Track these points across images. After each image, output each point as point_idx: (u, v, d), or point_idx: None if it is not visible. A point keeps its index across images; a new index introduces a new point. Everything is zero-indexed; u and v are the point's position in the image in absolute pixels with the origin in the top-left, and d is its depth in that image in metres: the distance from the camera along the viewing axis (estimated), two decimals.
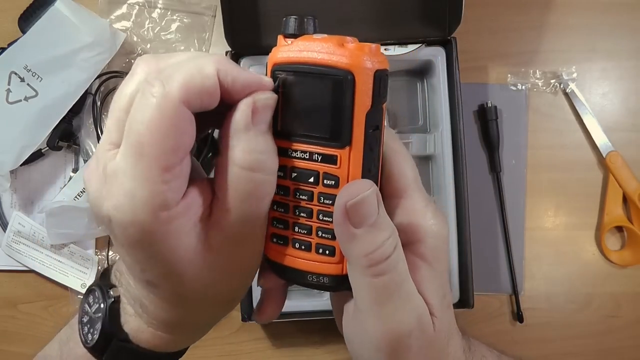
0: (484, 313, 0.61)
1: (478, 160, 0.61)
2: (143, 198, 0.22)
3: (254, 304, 0.55)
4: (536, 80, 0.62)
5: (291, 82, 0.25)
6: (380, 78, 0.24)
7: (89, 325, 0.29)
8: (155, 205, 0.22)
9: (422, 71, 0.59)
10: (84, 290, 0.60)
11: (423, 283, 0.26)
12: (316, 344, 0.61)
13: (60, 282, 0.60)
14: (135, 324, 0.28)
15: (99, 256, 0.61)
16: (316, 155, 0.25)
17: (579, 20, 0.63)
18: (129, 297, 0.28)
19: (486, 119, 0.60)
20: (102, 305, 0.29)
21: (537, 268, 0.61)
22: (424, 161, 0.59)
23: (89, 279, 0.60)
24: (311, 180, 0.25)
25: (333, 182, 0.25)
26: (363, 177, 0.25)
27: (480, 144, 0.62)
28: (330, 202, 0.25)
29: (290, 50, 0.25)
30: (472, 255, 0.54)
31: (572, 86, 0.61)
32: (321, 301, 0.56)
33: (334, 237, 0.25)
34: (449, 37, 0.55)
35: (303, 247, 0.26)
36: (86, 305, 0.30)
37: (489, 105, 0.60)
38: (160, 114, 0.21)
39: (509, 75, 0.62)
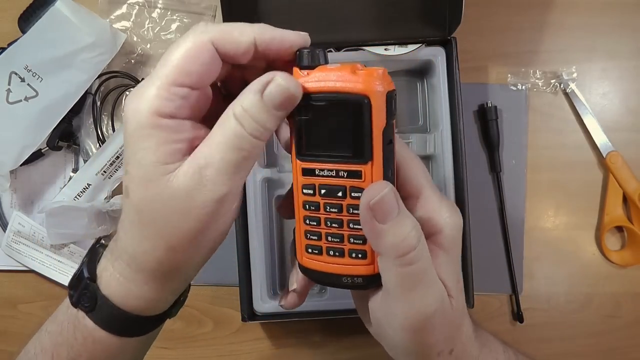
0: (484, 313, 0.61)
1: (478, 160, 0.61)
2: (148, 96, 0.25)
3: (254, 304, 0.55)
4: (536, 80, 0.62)
5: (314, 109, 0.27)
6: (391, 98, 0.27)
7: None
8: (153, 106, 0.25)
9: (422, 71, 0.59)
10: None
11: (441, 268, 0.29)
12: (316, 344, 0.61)
13: (60, 282, 0.60)
14: (104, 263, 0.29)
15: None
16: (342, 172, 0.28)
17: (579, 20, 0.63)
18: (114, 238, 0.29)
19: (486, 119, 0.60)
20: (89, 252, 0.31)
21: (537, 268, 0.61)
22: (424, 161, 0.58)
23: None
24: (339, 194, 0.28)
25: (360, 194, 0.27)
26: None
27: (480, 144, 0.62)
28: (359, 211, 0.28)
29: (308, 80, 0.27)
30: (472, 255, 0.54)
31: (572, 86, 0.61)
32: (321, 301, 0.56)
33: (364, 242, 0.29)
34: (449, 37, 0.55)
35: (337, 254, 0.29)
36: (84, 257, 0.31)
37: (489, 105, 0.60)
38: (191, 43, 0.25)
39: (509, 75, 0.62)
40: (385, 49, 0.55)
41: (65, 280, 0.60)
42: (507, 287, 0.61)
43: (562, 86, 0.62)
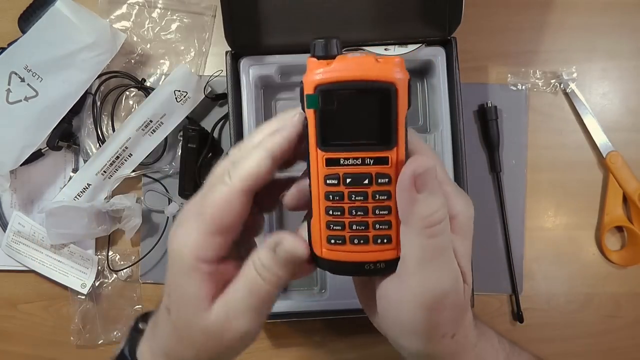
0: (484, 313, 0.61)
1: (478, 160, 0.61)
2: (189, 241, 0.29)
3: None
4: (536, 80, 0.62)
5: (340, 98, 0.27)
6: (410, 85, 0.28)
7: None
8: (194, 252, 0.29)
9: (422, 71, 0.59)
10: (83, 290, 0.60)
11: (457, 252, 0.30)
12: (317, 344, 0.61)
13: (60, 282, 0.60)
14: (143, 349, 0.34)
15: (99, 256, 0.61)
16: (368, 159, 0.28)
17: (579, 20, 0.63)
18: (150, 326, 0.34)
19: (486, 119, 0.60)
20: (129, 334, 0.36)
21: (537, 268, 0.61)
22: None
23: (89, 279, 0.60)
24: (366, 182, 0.28)
25: (387, 179, 0.28)
26: None
27: (480, 144, 0.62)
28: (385, 197, 0.28)
29: (331, 70, 0.27)
30: (472, 255, 0.54)
31: (572, 86, 0.61)
32: (321, 301, 0.56)
33: (390, 227, 0.29)
34: (449, 37, 0.55)
35: (362, 242, 0.29)
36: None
37: (489, 105, 0.60)
38: (221, 198, 0.29)
39: (509, 75, 0.62)
40: (385, 49, 0.55)
41: (65, 280, 0.60)
42: (507, 287, 0.61)
43: (562, 86, 0.62)
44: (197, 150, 0.59)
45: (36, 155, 0.59)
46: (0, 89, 0.57)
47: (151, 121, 0.58)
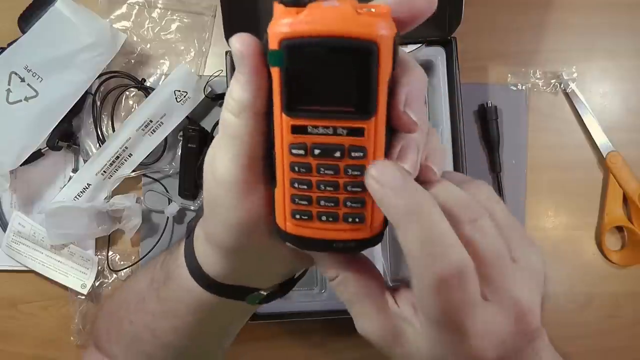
0: None
1: (478, 160, 0.61)
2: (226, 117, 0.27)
3: None
4: (536, 80, 0.62)
5: (310, 57, 0.23)
6: (396, 43, 0.24)
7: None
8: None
9: None
10: (83, 290, 0.60)
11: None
12: (317, 344, 0.61)
13: (60, 282, 0.60)
14: (197, 226, 0.34)
15: (99, 256, 0.61)
16: (341, 129, 0.24)
17: (579, 20, 0.63)
18: None
19: (486, 119, 0.60)
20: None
21: None
22: None
23: (89, 279, 0.60)
24: (337, 154, 0.25)
25: (361, 153, 0.25)
26: (385, 143, 0.25)
27: (480, 144, 0.62)
28: (359, 172, 0.25)
29: (300, 22, 0.23)
30: None
31: (572, 86, 0.61)
32: (321, 301, 0.56)
33: (363, 205, 0.26)
34: (449, 37, 0.55)
35: (331, 219, 0.26)
36: None
37: (489, 105, 0.60)
38: (223, 122, 0.27)
39: (509, 75, 0.62)
40: None
41: (65, 280, 0.60)
42: None
43: (562, 86, 0.62)
44: (197, 150, 0.59)
45: (36, 155, 0.59)
46: (0, 89, 0.57)
47: (151, 121, 0.58)
